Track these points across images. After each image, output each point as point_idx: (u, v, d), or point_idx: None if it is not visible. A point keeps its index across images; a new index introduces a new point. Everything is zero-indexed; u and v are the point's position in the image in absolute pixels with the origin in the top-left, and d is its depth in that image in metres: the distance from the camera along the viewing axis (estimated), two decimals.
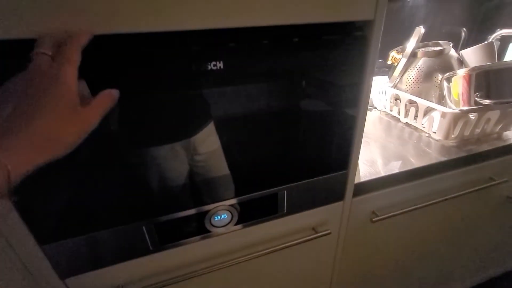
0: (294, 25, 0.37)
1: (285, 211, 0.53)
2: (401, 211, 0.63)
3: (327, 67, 0.43)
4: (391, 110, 0.90)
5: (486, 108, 0.65)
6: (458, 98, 0.67)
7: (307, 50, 0.40)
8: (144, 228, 0.44)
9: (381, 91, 0.92)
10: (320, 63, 0.42)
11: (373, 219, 0.61)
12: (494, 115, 0.70)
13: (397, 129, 0.83)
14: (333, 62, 0.43)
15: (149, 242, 0.45)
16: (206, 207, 0.47)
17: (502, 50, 1.32)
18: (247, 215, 0.50)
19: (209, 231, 0.49)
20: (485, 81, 0.64)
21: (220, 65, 0.36)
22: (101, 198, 0.40)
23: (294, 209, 0.54)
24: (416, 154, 0.67)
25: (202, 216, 0.47)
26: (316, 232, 0.57)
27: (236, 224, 0.50)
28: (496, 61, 0.77)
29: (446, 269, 0.95)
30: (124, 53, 0.32)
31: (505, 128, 0.74)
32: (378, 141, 0.75)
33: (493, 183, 0.71)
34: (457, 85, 0.67)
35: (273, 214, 0.53)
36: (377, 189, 0.61)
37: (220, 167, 0.44)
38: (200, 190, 0.45)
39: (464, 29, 1.29)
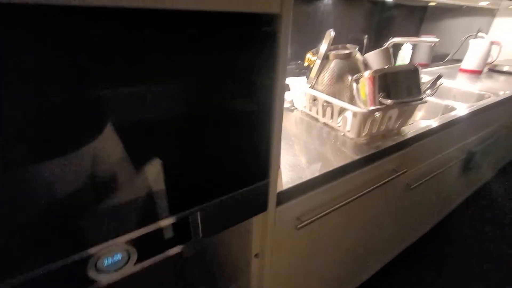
0: (189, 14, 0.30)
1: (200, 235, 0.45)
2: (324, 213, 0.63)
3: (235, 66, 0.37)
4: (310, 111, 0.92)
5: (389, 107, 0.71)
6: (366, 98, 0.72)
7: (208, 45, 0.33)
8: None
9: (300, 92, 0.93)
10: (225, 61, 0.36)
11: (298, 226, 0.58)
12: (394, 113, 0.77)
13: (317, 129, 0.85)
14: (241, 60, 0.37)
15: None
16: (89, 251, 0.35)
17: (395, 56, 1.54)
18: (151, 249, 0.40)
19: (93, 281, 0.37)
20: (385, 83, 0.69)
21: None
22: None
23: (211, 230, 0.46)
24: (333, 154, 0.69)
25: (82, 264, 0.35)
26: None
27: (137, 262, 0.40)
28: (392, 64, 0.86)
29: (369, 254, 1.04)
30: None
31: (403, 124, 0.83)
32: (300, 142, 0.74)
33: (396, 174, 0.79)
34: (364, 86, 0.72)
35: (186, 242, 0.44)
36: (300, 195, 0.59)
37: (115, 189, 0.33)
38: (81, 227, 0.33)
39: (366, 35, 1.45)
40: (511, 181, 1.97)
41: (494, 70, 1.81)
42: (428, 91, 0.78)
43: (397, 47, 1.54)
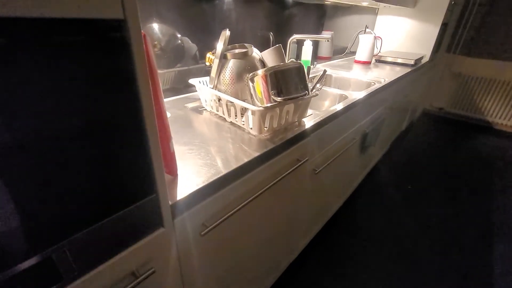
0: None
1: (76, 272, 0.39)
2: (230, 213, 0.64)
3: (88, 76, 0.32)
4: (217, 111, 0.91)
5: (282, 103, 0.75)
6: (262, 96, 0.74)
7: (48, 54, 0.28)
8: None
9: (206, 92, 0.91)
10: (76, 72, 0.31)
11: (202, 232, 0.57)
12: (291, 108, 0.83)
13: (224, 129, 0.85)
14: (94, 70, 0.33)
15: None
16: None
17: (300, 50, 1.66)
18: None
19: None
20: (277, 80, 0.73)
21: None
22: None
23: (92, 263, 0.41)
24: (236, 154, 0.69)
25: None
26: (137, 278, 0.47)
27: None
28: (286, 61, 0.91)
29: (292, 240, 1.11)
30: None
31: (301, 117, 0.90)
32: (206, 146, 0.73)
33: (300, 163, 0.86)
34: (259, 84, 0.74)
35: (58, 283, 0.38)
36: (202, 200, 0.58)
37: None
38: None
39: (271, 33, 1.52)
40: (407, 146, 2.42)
41: (379, 60, 2.14)
42: (318, 85, 0.87)
43: (302, 42, 1.67)
